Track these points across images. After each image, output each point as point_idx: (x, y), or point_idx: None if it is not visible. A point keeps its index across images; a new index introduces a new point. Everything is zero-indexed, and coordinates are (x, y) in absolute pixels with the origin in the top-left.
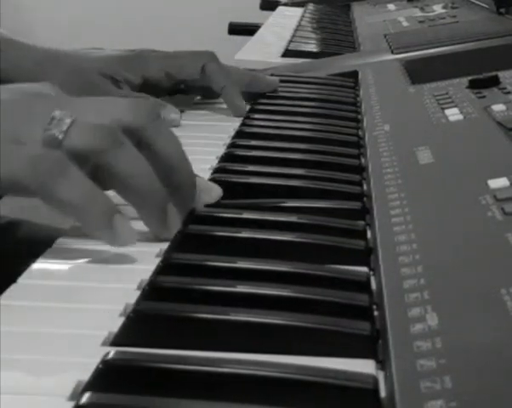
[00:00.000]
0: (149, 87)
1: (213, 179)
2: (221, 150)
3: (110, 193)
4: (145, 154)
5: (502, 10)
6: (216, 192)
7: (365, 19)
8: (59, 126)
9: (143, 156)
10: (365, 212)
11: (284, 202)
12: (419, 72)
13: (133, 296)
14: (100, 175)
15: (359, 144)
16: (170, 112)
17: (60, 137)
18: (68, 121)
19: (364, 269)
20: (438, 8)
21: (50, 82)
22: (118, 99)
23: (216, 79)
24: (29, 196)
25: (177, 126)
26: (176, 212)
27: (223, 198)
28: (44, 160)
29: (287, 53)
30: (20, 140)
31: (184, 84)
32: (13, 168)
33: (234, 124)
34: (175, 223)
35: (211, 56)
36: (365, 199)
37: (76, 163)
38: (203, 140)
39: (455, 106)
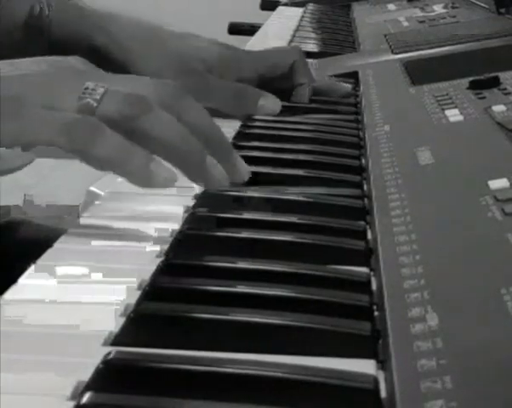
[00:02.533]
0: None
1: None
2: None
3: None
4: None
5: (502, 10)
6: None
7: (365, 20)
8: (93, 94)
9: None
10: (365, 213)
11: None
12: (420, 73)
13: (133, 296)
14: (135, 141)
15: (359, 145)
16: (270, 101)
17: (94, 104)
18: (101, 90)
19: (364, 269)
20: (438, 9)
21: (151, 62)
22: (147, 78)
23: (300, 76)
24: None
25: (275, 115)
26: (217, 164)
27: (223, 198)
28: (80, 123)
29: None
30: (56, 108)
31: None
32: (50, 132)
33: (234, 125)
34: (220, 174)
35: (299, 53)
36: (365, 199)
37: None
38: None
39: (455, 107)
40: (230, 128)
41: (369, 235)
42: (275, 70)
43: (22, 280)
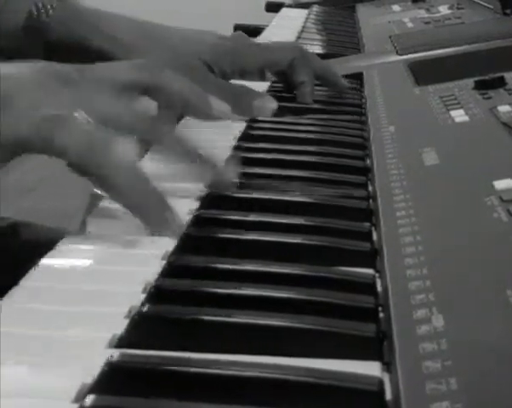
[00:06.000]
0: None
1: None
2: (227, 153)
3: None
4: None
5: (507, 11)
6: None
7: (370, 21)
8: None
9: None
10: (370, 214)
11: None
12: (425, 73)
13: (137, 298)
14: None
15: (364, 146)
16: (266, 101)
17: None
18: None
19: (369, 270)
20: (443, 9)
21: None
22: (122, 63)
23: (299, 74)
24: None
25: (270, 115)
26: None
27: (227, 200)
28: (52, 118)
29: None
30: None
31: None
32: (28, 128)
33: (240, 125)
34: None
35: (300, 51)
36: (370, 200)
37: None
38: (209, 143)
39: (461, 107)
40: (235, 130)
41: (374, 237)
42: (275, 66)
43: (25, 282)
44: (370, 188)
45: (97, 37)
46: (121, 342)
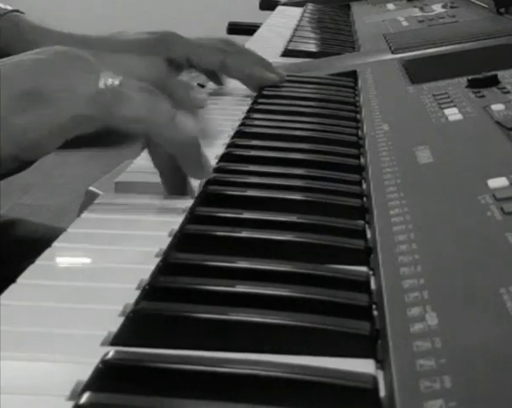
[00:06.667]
0: (172, 70)
1: (212, 179)
2: (220, 150)
3: None
4: None
5: (501, 10)
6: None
7: (364, 19)
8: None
9: None
10: (364, 212)
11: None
12: (419, 72)
13: (132, 295)
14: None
15: (358, 144)
16: (198, 93)
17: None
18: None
19: (364, 268)
20: (437, 8)
21: None
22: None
23: (235, 74)
24: (97, 127)
25: (204, 106)
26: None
27: (222, 198)
28: (104, 91)
29: (287, 52)
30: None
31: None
32: (77, 106)
33: (233, 124)
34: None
35: (230, 49)
36: (364, 198)
37: None
38: (202, 140)
39: (454, 106)
40: (229, 128)
41: (368, 234)
42: (205, 62)
43: (21, 279)
44: (364, 186)
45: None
46: (115, 340)
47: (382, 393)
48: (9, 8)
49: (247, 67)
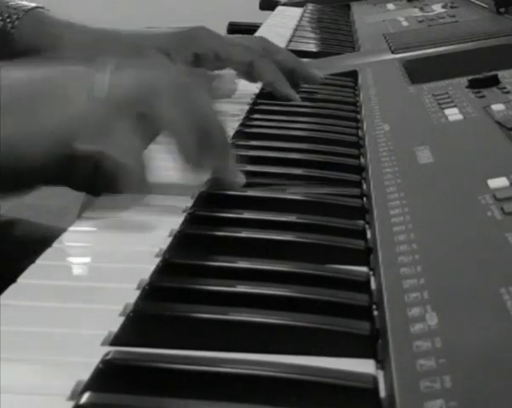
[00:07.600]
0: (199, 65)
1: (212, 179)
2: None
3: None
4: None
5: (501, 10)
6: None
7: (364, 19)
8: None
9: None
10: (364, 212)
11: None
12: (419, 72)
13: (132, 295)
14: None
15: (359, 144)
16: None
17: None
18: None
19: (364, 268)
20: (437, 8)
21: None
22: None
23: (265, 76)
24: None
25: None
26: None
27: (222, 198)
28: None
29: None
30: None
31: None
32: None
33: (233, 124)
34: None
35: (260, 50)
36: (364, 199)
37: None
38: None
39: (455, 106)
40: (228, 128)
41: (368, 235)
42: (233, 60)
43: (22, 279)
44: (364, 186)
45: (56, 46)
46: (116, 340)
47: (382, 393)
48: (33, 5)
49: (270, 75)
